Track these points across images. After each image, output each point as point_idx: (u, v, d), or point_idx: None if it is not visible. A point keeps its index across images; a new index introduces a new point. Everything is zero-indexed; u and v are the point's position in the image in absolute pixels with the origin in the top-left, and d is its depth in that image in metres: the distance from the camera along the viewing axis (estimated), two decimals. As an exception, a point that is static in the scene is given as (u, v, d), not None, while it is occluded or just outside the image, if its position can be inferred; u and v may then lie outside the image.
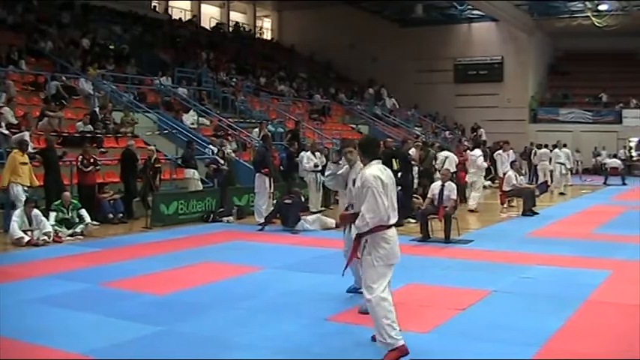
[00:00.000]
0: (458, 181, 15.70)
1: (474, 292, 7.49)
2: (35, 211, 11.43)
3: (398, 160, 13.32)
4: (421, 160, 16.40)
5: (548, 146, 23.33)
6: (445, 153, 17.38)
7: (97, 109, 17.95)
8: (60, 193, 12.39)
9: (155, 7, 34.05)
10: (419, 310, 6.77)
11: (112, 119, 17.79)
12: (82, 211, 12.20)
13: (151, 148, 15.55)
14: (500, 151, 18.03)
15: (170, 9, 34.95)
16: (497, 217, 15.30)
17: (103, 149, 15.93)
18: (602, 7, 31.00)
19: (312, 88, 31.30)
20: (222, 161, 15.95)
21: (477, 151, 17.44)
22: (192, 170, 15.79)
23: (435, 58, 35.69)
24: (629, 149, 32.46)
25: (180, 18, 34.24)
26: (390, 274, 5.31)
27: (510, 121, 32.93)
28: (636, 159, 31.59)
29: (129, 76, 21.47)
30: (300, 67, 34.19)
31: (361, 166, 5.75)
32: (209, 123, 21.11)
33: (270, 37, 40.34)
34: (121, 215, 13.94)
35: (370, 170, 5.33)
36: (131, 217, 14.15)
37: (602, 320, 6.56)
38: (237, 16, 38.88)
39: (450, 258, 9.91)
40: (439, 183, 11.99)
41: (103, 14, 27.33)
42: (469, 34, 36.25)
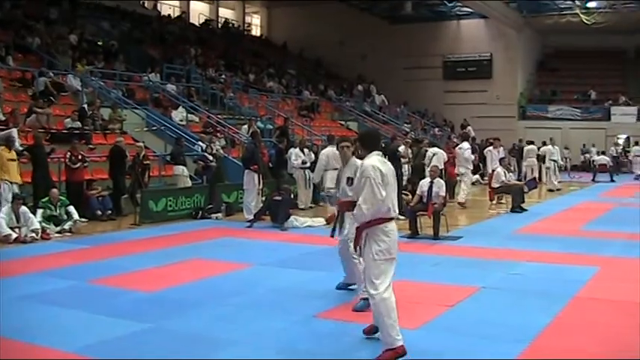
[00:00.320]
0: (448, 177, 15.73)
1: (462, 289, 7.52)
2: (23, 208, 11.37)
3: (387, 157, 13.27)
4: (414, 157, 16.41)
5: (534, 143, 23.34)
6: (434, 149, 17.35)
7: (85, 105, 17.82)
8: (48, 189, 12.31)
9: (144, 3, 33.89)
10: (407, 307, 6.73)
11: (101, 116, 17.69)
12: (70, 208, 12.13)
13: (140, 144, 15.48)
14: (491, 148, 18.12)
15: (159, 5, 34.84)
16: (486, 213, 15.34)
17: (91, 146, 15.86)
18: (591, 5, 31.14)
19: (301, 84, 31.26)
20: (211, 158, 15.92)
21: (465, 144, 17.50)
22: (181, 167, 15.73)
23: (425, 55, 35.77)
24: (622, 146, 32.34)
25: (169, 14, 34.19)
26: (392, 269, 5.23)
27: (499, 118, 32.98)
28: (633, 156, 31.13)
29: (117, 73, 21.33)
30: (290, 63, 34.13)
31: (356, 163, 5.69)
32: (198, 119, 21.07)
33: (260, 34, 40.29)
34: (110, 212, 13.86)
35: (369, 161, 5.27)
36: (119, 214, 14.07)
37: (590, 316, 6.59)
38: (226, 13, 38.82)
39: (439, 254, 9.92)
40: (428, 180, 12.02)
41: (91, 10, 27.20)
42: (458, 31, 36.33)
